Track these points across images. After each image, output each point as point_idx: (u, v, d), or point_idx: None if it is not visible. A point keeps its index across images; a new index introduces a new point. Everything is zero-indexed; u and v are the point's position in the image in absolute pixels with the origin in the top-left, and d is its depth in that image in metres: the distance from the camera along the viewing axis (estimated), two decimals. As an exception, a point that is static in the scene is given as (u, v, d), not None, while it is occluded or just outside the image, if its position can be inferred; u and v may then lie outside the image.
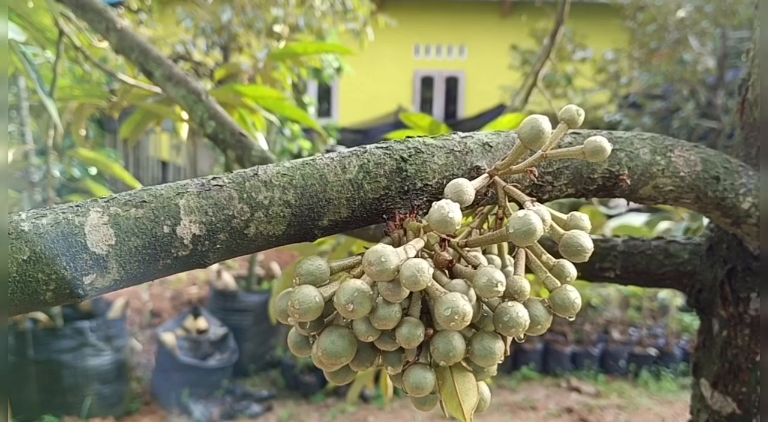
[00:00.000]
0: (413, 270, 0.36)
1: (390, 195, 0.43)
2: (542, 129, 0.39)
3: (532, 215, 0.37)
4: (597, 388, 4.04)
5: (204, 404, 3.51)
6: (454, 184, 0.39)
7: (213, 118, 0.92)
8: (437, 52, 10.11)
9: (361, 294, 0.37)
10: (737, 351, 0.62)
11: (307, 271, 0.41)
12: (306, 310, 0.38)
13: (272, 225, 0.41)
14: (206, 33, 4.18)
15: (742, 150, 0.62)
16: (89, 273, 0.37)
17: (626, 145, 0.49)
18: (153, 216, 0.39)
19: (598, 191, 0.49)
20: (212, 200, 0.40)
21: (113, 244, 0.38)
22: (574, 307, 0.40)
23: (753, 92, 0.62)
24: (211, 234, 0.40)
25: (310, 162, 0.43)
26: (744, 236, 0.58)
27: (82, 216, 0.38)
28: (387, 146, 0.44)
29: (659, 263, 0.68)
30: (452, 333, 0.39)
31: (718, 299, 0.64)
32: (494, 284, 0.37)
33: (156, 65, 0.95)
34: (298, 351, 0.43)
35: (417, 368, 0.40)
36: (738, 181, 0.53)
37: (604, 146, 0.41)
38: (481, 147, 0.45)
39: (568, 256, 0.41)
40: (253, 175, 0.41)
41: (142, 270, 0.39)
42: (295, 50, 1.55)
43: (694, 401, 0.70)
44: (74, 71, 2.43)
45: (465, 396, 0.39)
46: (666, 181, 0.50)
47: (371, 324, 0.39)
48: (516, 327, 0.38)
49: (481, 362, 0.39)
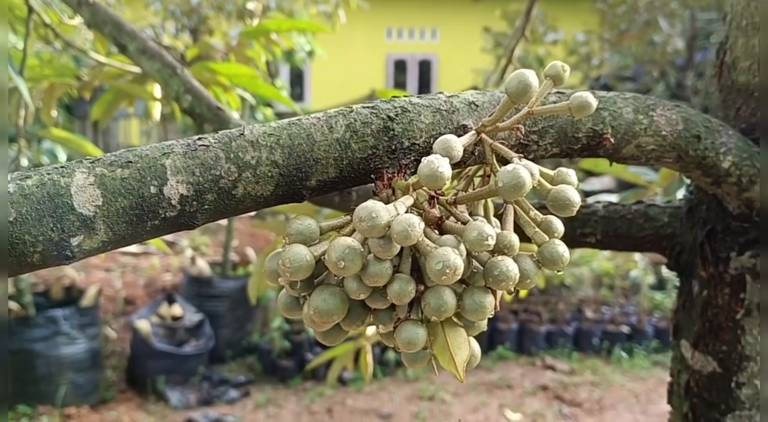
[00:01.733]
0: (404, 225, 0.36)
1: (377, 154, 0.43)
2: (529, 83, 0.39)
3: (521, 169, 0.37)
4: (571, 366, 4.09)
5: (180, 391, 3.49)
6: (443, 140, 0.39)
7: (189, 91, 0.91)
8: (410, 35, 10.09)
9: (352, 251, 0.37)
10: (717, 311, 0.63)
11: (297, 230, 0.40)
12: (297, 269, 0.38)
13: (260, 186, 0.41)
14: (176, 16, 4.12)
15: (720, 112, 0.63)
16: (77, 234, 0.37)
17: (609, 104, 0.49)
18: (139, 176, 0.38)
19: (583, 150, 0.49)
20: (199, 160, 0.39)
21: (100, 205, 0.37)
22: (563, 261, 0.40)
23: (731, 55, 0.62)
24: (198, 194, 0.39)
25: (296, 122, 0.42)
26: (724, 196, 0.59)
27: (67, 176, 0.37)
28: (373, 105, 0.44)
29: (639, 227, 0.69)
30: (443, 289, 0.39)
31: (698, 260, 0.65)
32: (484, 237, 0.37)
33: (130, 39, 0.93)
34: (289, 313, 0.43)
35: (409, 324, 0.40)
36: (718, 140, 0.54)
37: (589, 101, 0.41)
38: (467, 106, 0.45)
39: (556, 211, 0.41)
40: (239, 134, 0.41)
41: (130, 231, 0.38)
42: (268, 27, 1.53)
43: (674, 363, 0.71)
44: (41, 56, 2.38)
45: (457, 350, 0.39)
46: (648, 140, 0.51)
47: (362, 281, 0.39)
48: (506, 280, 0.38)
49: (472, 316, 0.40)
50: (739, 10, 0.62)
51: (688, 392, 0.67)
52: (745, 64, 0.61)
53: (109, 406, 3.37)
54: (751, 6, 0.60)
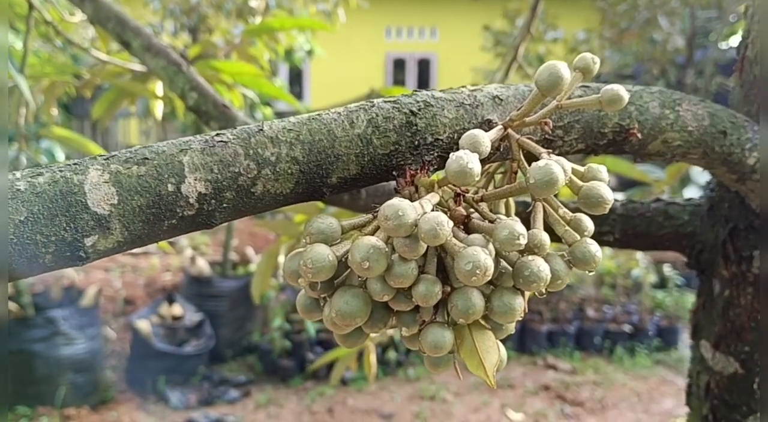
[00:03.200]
0: (432, 224, 0.34)
1: (400, 150, 0.41)
2: (561, 75, 0.38)
3: (554, 164, 0.36)
4: (573, 365, 4.08)
5: (181, 391, 3.48)
6: (470, 135, 0.38)
7: (195, 89, 0.89)
8: (409, 33, 10.06)
9: (376, 251, 0.36)
10: (740, 311, 0.62)
11: (318, 230, 0.39)
12: (320, 269, 0.37)
13: (280, 183, 0.39)
14: (175, 15, 4.09)
15: (742, 107, 0.61)
16: (91, 234, 0.35)
17: (636, 99, 0.48)
18: (156, 173, 0.37)
19: (608, 146, 0.48)
20: (217, 157, 0.38)
21: (115, 204, 0.36)
22: (595, 260, 0.39)
23: (753, 49, 0.61)
24: (217, 192, 0.38)
25: (316, 117, 0.41)
26: (747, 193, 0.58)
27: (81, 174, 0.35)
28: (395, 100, 0.42)
29: (659, 225, 0.67)
30: (471, 290, 0.37)
31: (720, 259, 0.63)
32: (516, 237, 0.36)
33: (134, 35, 0.92)
34: (308, 315, 0.42)
35: (435, 327, 0.39)
36: (744, 135, 0.53)
37: (621, 95, 0.39)
38: (492, 100, 0.44)
39: (588, 208, 0.39)
40: (258, 130, 0.40)
41: (146, 231, 0.37)
42: (271, 25, 1.52)
43: (694, 363, 0.69)
44: (40, 55, 2.37)
45: (486, 354, 0.38)
46: (675, 136, 0.49)
47: (386, 282, 0.37)
48: (537, 281, 0.37)
49: (501, 318, 0.38)
50: (761, 3, 0.61)
51: (708, 393, 0.66)
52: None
53: (109, 407, 3.35)
54: (775, -1, 0.59)
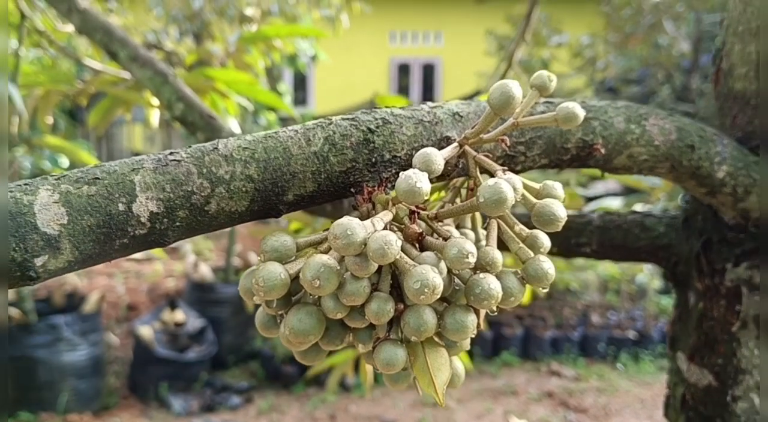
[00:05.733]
0: (380, 243, 0.34)
1: (357, 167, 0.42)
2: (512, 94, 0.38)
3: (503, 183, 0.36)
4: (577, 372, 4.07)
5: (183, 397, 3.48)
6: (422, 154, 0.38)
7: (181, 99, 0.90)
8: (413, 38, 10.07)
9: (327, 269, 0.36)
10: (713, 323, 0.62)
11: (271, 248, 0.39)
12: (271, 287, 0.37)
13: (234, 201, 0.40)
14: (178, 21, 4.11)
15: (716, 119, 0.61)
16: (40, 254, 0.35)
17: (600, 114, 0.48)
18: (107, 193, 0.37)
19: (572, 161, 0.48)
20: (170, 176, 0.38)
21: (65, 223, 0.36)
22: (548, 278, 0.39)
23: (727, 61, 0.61)
24: (169, 211, 0.38)
25: (272, 135, 0.41)
26: (719, 206, 0.58)
27: (31, 194, 0.36)
28: (353, 117, 0.42)
29: (635, 237, 0.67)
30: (423, 308, 0.37)
31: (694, 271, 0.63)
32: (465, 255, 0.36)
33: (121, 46, 0.92)
34: (266, 331, 0.42)
35: (388, 344, 0.39)
36: (713, 149, 0.53)
37: (576, 112, 0.39)
38: (451, 117, 0.44)
39: (541, 226, 0.39)
40: (213, 149, 0.40)
41: (97, 250, 0.37)
42: (266, 33, 1.52)
43: (671, 375, 0.69)
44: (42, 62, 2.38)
45: (437, 372, 0.38)
46: (641, 150, 0.49)
47: (339, 300, 0.38)
48: (488, 299, 0.37)
49: (454, 336, 0.38)
50: (736, 15, 0.60)
51: (683, 405, 0.65)
52: (741, 71, 0.60)
53: (112, 413, 3.36)
54: (748, 12, 0.59)
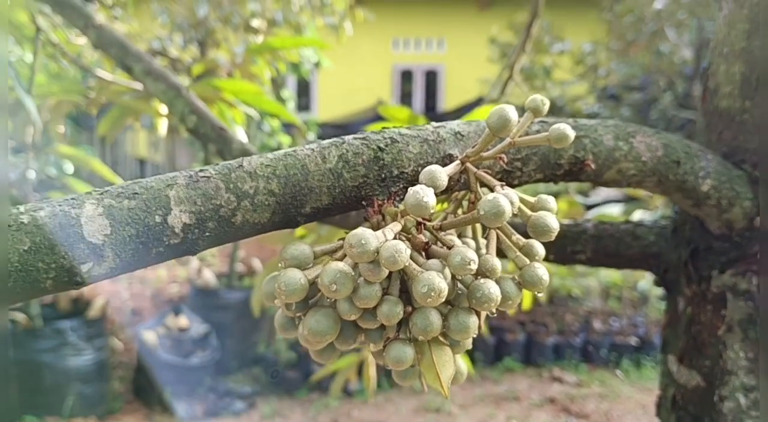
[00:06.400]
0: (392, 251, 0.38)
1: (368, 182, 0.46)
2: (509, 117, 0.42)
3: (501, 198, 0.40)
4: (579, 378, 4.09)
5: (187, 402, 3.51)
6: (428, 171, 0.42)
7: (194, 112, 0.94)
8: (416, 45, 10.13)
9: (343, 275, 0.40)
10: (701, 327, 0.66)
11: (291, 255, 0.43)
12: (292, 291, 0.41)
13: (258, 214, 0.44)
14: (182, 28, 4.16)
15: (704, 136, 0.65)
16: (86, 261, 0.39)
17: (590, 132, 0.52)
18: (145, 206, 0.41)
19: (565, 176, 0.52)
20: (200, 191, 0.42)
21: (108, 234, 0.40)
22: (543, 283, 0.43)
23: (713, 81, 0.65)
24: (200, 222, 0.42)
25: (291, 153, 0.45)
26: (705, 217, 0.62)
27: (78, 207, 0.40)
28: (364, 137, 0.46)
29: (627, 245, 0.71)
30: (429, 310, 0.41)
31: (683, 278, 0.67)
32: (467, 262, 0.40)
33: (135, 60, 0.97)
34: (285, 332, 0.46)
35: (397, 343, 0.43)
36: (698, 164, 0.57)
37: (567, 133, 0.43)
38: (454, 136, 0.48)
39: (536, 236, 0.43)
40: (238, 166, 0.44)
41: (136, 258, 0.41)
42: (272, 45, 1.56)
43: (663, 377, 0.73)
44: (49, 69, 2.42)
45: (442, 368, 0.42)
46: (629, 166, 0.53)
47: (353, 303, 0.41)
48: (488, 302, 0.41)
49: (457, 336, 0.42)
50: (721, 38, 0.65)
51: (674, 405, 0.69)
52: (726, 90, 0.64)
53: (116, 417, 3.39)
54: (732, 34, 0.63)
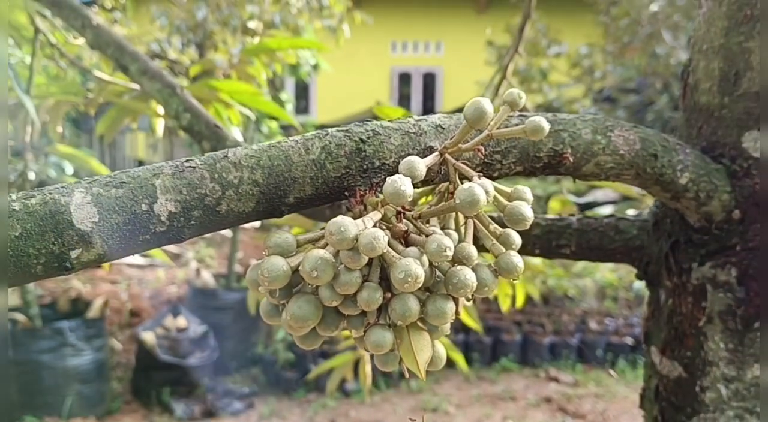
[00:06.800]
0: (370, 238, 0.40)
1: (350, 173, 0.47)
2: (485, 109, 0.43)
3: (476, 187, 0.41)
4: (575, 378, 4.11)
5: (185, 402, 3.52)
6: (407, 161, 0.43)
7: (188, 110, 0.95)
8: (414, 48, 10.16)
9: (324, 261, 0.41)
10: (682, 318, 0.67)
11: (275, 243, 0.44)
12: (274, 278, 0.42)
13: (242, 203, 0.45)
14: (181, 31, 4.18)
15: (684, 131, 0.66)
16: (75, 248, 0.41)
17: (569, 126, 0.53)
18: (132, 195, 0.42)
19: (545, 169, 0.53)
20: (186, 180, 0.44)
21: (96, 221, 0.41)
22: (517, 270, 0.44)
23: (693, 77, 0.66)
24: (185, 211, 0.43)
25: (276, 145, 0.47)
26: (684, 210, 0.63)
27: (67, 196, 0.41)
28: (347, 129, 0.48)
29: (610, 239, 0.73)
30: (408, 296, 0.43)
31: (664, 270, 0.68)
32: (443, 249, 0.41)
33: (131, 60, 0.98)
34: (270, 319, 0.47)
35: (377, 328, 0.44)
36: (675, 157, 0.58)
37: (542, 125, 0.45)
38: (434, 129, 0.49)
39: (512, 225, 0.45)
40: (223, 157, 0.45)
41: (123, 245, 0.42)
42: (269, 46, 1.58)
43: (646, 368, 0.74)
44: (48, 71, 2.44)
45: (420, 352, 0.43)
46: (607, 159, 0.55)
47: (334, 289, 0.43)
48: (464, 288, 0.42)
49: (435, 321, 0.43)
50: (701, 35, 0.66)
51: (657, 396, 0.71)
52: (706, 86, 0.65)
53: (115, 417, 3.41)
54: (711, 31, 0.64)
